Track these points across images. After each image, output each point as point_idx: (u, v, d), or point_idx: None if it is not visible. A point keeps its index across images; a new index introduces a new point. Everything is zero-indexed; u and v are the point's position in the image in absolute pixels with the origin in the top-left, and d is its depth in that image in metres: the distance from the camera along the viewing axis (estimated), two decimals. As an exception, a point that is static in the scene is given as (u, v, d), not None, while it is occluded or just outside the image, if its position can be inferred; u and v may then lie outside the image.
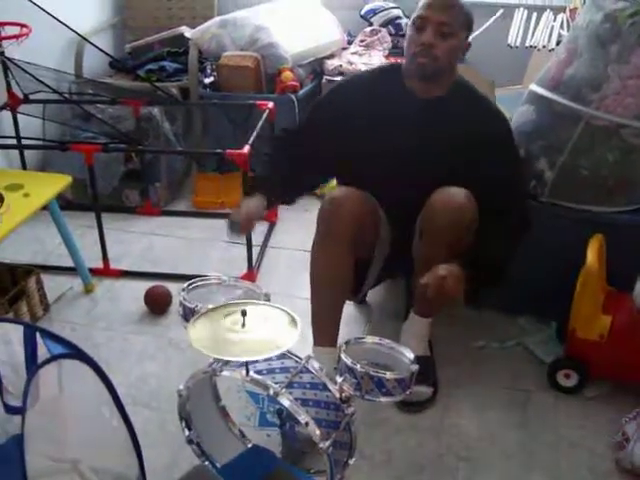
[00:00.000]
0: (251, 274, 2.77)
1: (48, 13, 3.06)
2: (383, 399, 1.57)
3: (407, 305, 2.35)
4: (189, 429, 1.74)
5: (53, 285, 2.75)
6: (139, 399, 2.21)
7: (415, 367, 1.61)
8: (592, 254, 2.12)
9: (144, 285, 2.71)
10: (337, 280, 2.14)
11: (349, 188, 2.16)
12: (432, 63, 2.06)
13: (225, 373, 1.55)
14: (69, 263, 2.77)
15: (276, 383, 1.51)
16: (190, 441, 1.75)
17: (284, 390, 1.49)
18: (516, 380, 2.31)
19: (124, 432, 1.66)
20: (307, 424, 1.46)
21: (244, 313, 1.51)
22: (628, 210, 2.31)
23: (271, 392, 1.49)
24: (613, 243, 2.23)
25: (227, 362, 1.57)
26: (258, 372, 1.53)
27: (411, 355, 1.65)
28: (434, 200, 2.07)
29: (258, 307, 1.60)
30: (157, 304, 2.65)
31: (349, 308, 2.56)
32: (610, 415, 2.14)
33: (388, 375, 1.55)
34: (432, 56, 2.05)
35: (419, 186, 2.10)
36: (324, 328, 2.15)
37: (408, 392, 1.60)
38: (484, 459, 2.02)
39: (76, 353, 1.49)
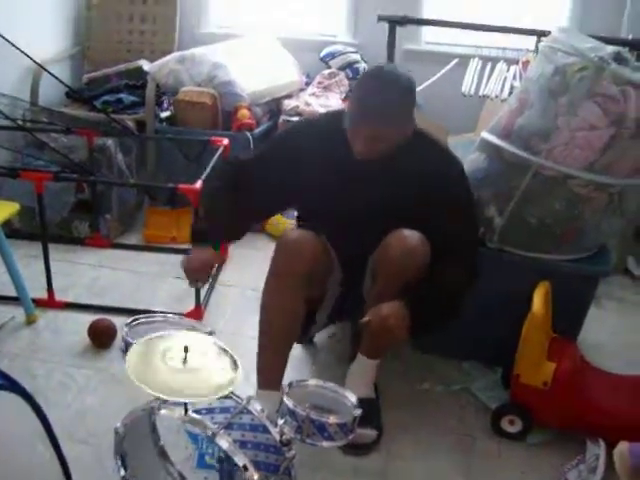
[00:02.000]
0: (198, 311, 2.74)
1: (6, 39, 3.04)
2: (325, 444, 1.55)
3: (354, 347, 2.34)
4: (125, 468, 1.70)
5: (-6, 314, 2.68)
6: (76, 435, 2.14)
7: (358, 412, 1.59)
8: (538, 301, 2.14)
9: (89, 318, 2.65)
10: (288, 323, 2.12)
11: (304, 230, 2.17)
12: (370, 159, 2.07)
13: (163, 412, 1.52)
14: (12, 292, 2.70)
15: (215, 423, 1.48)
16: (125, 481, 1.71)
17: (222, 431, 1.46)
18: (461, 425, 2.31)
19: (57, 468, 1.61)
20: (245, 467, 1.43)
21: (186, 349, 1.48)
22: (575, 258, 2.35)
23: (209, 433, 1.45)
24: (559, 290, 2.26)
25: (166, 400, 1.54)
26: (197, 411, 1.50)
27: (354, 399, 1.64)
28: (388, 242, 2.08)
29: (199, 342, 1.57)
30: (101, 338, 2.59)
31: (295, 348, 2.53)
32: (553, 462, 2.14)
33: (330, 419, 1.53)
34: (369, 157, 2.06)
35: (370, 233, 2.12)
36: (270, 372, 2.12)
37: (350, 437, 1.58)
38: (427, 505, 2.01)
39: (9, 385, 1.44)
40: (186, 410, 1.48)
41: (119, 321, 2.59)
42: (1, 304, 2.79)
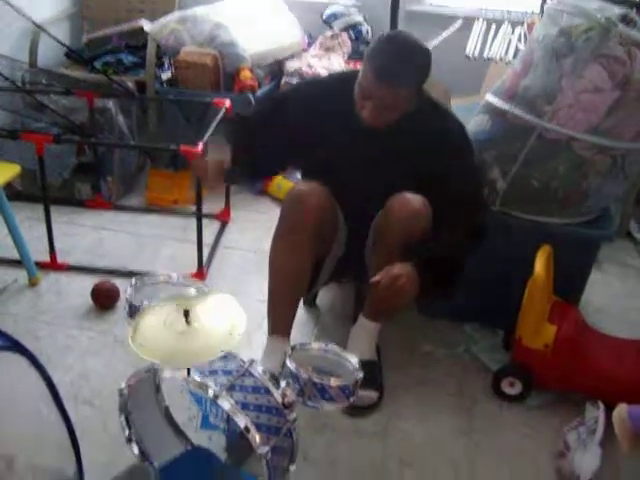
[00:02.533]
0: (201, 273, 2.74)
1: (3, -1, 3.00)
2: (326, 406, 1.56)
3: (356, 309, 2.35)
4: (129, 428, 1.71)
5: (-4, 277, 2.69)
6: (80, 396, 2.17)
7: (360, 375, 1.60)
8: (540, 264, 2.14)
9: (91, 280, 2.66)
10: (298, 271, 2.13)
11: (312, 183, 2.15)
12: (377, 127, 2.06)
13: (166, 373, 1.53)
14: (14, 255, 2.71)
15: (218, 385, 1.48)
16: (130, 440, 1.72)
17: (224, 392, 1.47)
18: (462, 387, 2.33)
19: (62, 429, 1.62)
20: (247, 429, 1.44)
21: (187, 313, 1.49)
22: (577, 222, 2.35)
23: (211, 394, 1.46)
24: (561, 254, 2.26)
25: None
26: (200, 373, 1.51)
27: (356, 362, 1.65)
28: (390, 205, 2.07)
29: (205, 302, 1.58)
30: (104, 300, 2.60)
31: (299, 311, 2.55)
32: (552, 424, 2.16)
33: (332, 382, 1.54)
34: (376, 124, 2.04)
35: (373, 193, 2.11)
36: (281, 317, 2.15)
37: (352, 399, 1.59)
38: (428, 465, 2.02)
39: (13, 345, 1.45)
40: (189, 372, 1.48)
41: (121, 283, 2.60)
42: (3, 267, 2.80)
